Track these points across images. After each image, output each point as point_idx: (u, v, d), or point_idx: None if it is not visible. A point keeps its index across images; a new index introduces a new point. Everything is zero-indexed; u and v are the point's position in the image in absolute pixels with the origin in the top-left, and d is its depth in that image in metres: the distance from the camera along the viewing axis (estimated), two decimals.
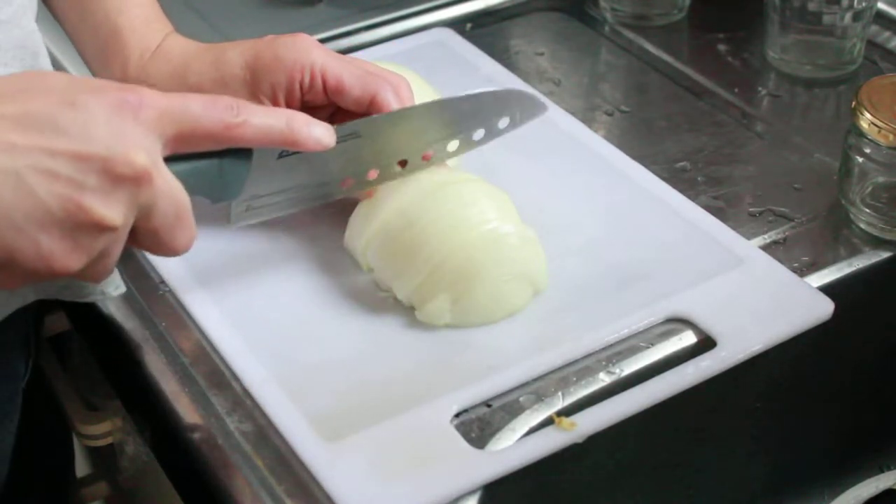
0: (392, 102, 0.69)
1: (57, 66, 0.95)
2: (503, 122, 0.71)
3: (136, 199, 0.53)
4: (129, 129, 0.53)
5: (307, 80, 0.68)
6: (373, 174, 0.69)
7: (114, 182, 0.52)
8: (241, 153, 0.61)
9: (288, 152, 0.63)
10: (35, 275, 0.52)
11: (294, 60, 0.68)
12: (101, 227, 0.52)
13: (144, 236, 0.56)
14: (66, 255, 0.52)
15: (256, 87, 0.68)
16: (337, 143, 0.63)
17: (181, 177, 0.56)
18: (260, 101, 0.68)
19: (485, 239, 0.66)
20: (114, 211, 0.52)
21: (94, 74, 0.74)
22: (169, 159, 0.56)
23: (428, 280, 0.66)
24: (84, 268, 0.53)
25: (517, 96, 0.72)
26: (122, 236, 0.54)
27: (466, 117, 0.70)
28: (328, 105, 0.71)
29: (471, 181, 0.69)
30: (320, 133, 0.61)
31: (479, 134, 0.71)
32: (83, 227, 0.51)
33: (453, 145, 0.70)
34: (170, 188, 0.55)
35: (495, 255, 0.66)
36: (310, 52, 0.68)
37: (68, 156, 0.51)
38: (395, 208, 0.68)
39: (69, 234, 0.51)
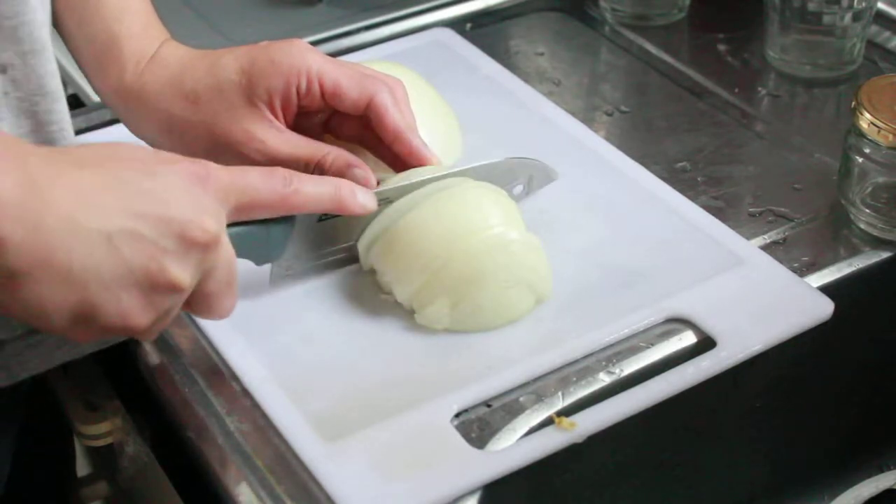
0: (389, 104, 0.70)
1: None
2: (517, 189, 0.75)
3: (203, 263, 0.56)
4: (201, 198, 0.56)
5: (304, 84, 0.69)
6: None
7: (188, 246, 0.54)
8: (285, 218, 0.65)
9: (328, 216, 0.68)
10: (109, 331, 0.55)
11: (290, 65, 0.69)
12: (173, 288, 0.55)
13: (198, 299, 0.58)
14: (140, 314, 0.54)
15: (252, 92, 0.68)
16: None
17: (232, 241, 0.59)
18: (257, 107, 0.69)
19: (487, 245, 0.66)
20: (186, 273, 0.55)
21: (91, 81, 0.74)
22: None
23: (428, 284, 0.66)
24: (149, 326, 0.55)
25: (532, 165, 0.75)
26: (185, 298, 0.57)
27: (489, 181, 0.71)
28: (324, 109, 0.71)
29: (476, 186, 0.69)
30: (364, 199, 0.66)
31: None
32: (158, 287, 0.54)
33: None
34: (228, 255, 0.58)
35: (497, 261, 0.66)
36: (305, 57, 0.69)
37: (152, 219, 0.53)
38: (398, 211, 0.68)
39: (146, 293, 0.54)
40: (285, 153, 0.68)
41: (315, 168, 0.69)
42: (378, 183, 0.71)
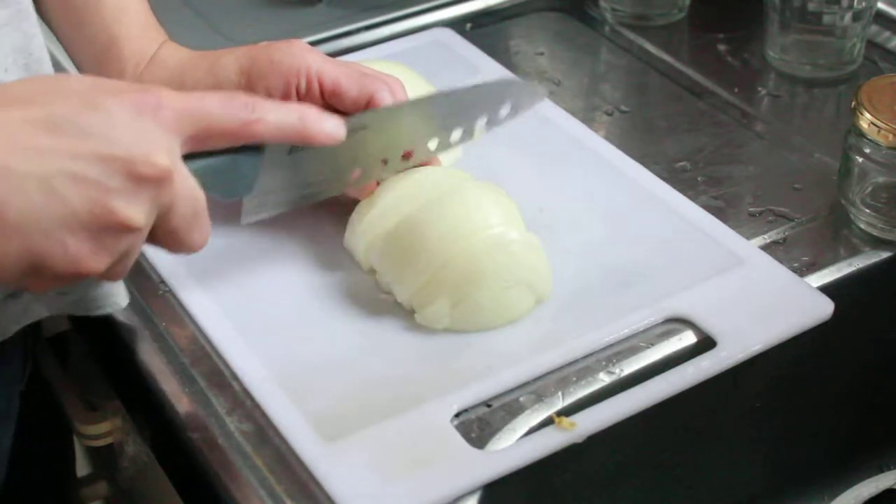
0: (388, 102, 0.69)
1: (58, 69, 0.95)
2: (504, 110, 0.72)
3: (157, 199, 0.53)
4: (149, 130, 0.53)
5: (303, 84, 0.69)
6: (379, 165, 0.70)
7: (137, 183, 0.52)
8: (252, 150, 0.62)
9: (299, 147, 0.64)
10: (62, 278, 0.53)
11: (290, 65, 0.68)
12: (125, 228, 0.52)
13: (163, 235, 0.56)
14: (92, 257, 0.52)
15: (252, 92, 0.68)
16: (346, 136, 0.64)
17: (196, 175, 0.56)
18: None
19: (487, 245, 0.66)
20: (137, 211, 0.52)
21: None
22: (184, 158, 0.56)
23: (428, 284, 0.66)
24: (107, 269, 0.54)
25: (516, 85, 0.74)
26: (143, 236, 0.55)
27: (469, 106, 0.71)
28: (324, 109, 0.71)
29: (477, 186, 0.69)
30: (332, 127, 0.62)
31: (481, 122, 0.72)
32: (109, 228, 0.52)
33: (457, 134, 0.71)
34: (188, 187, 0.55)
35: (497, 261, 0.66)
36: (305, 57, 0.69)
37: (93, 158, 0.51)
38: (398, 211, 0.68)
39: (95, 235, 0.52)
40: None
41: None
42: (377, 184, 0.71)
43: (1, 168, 0.49)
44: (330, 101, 0.70)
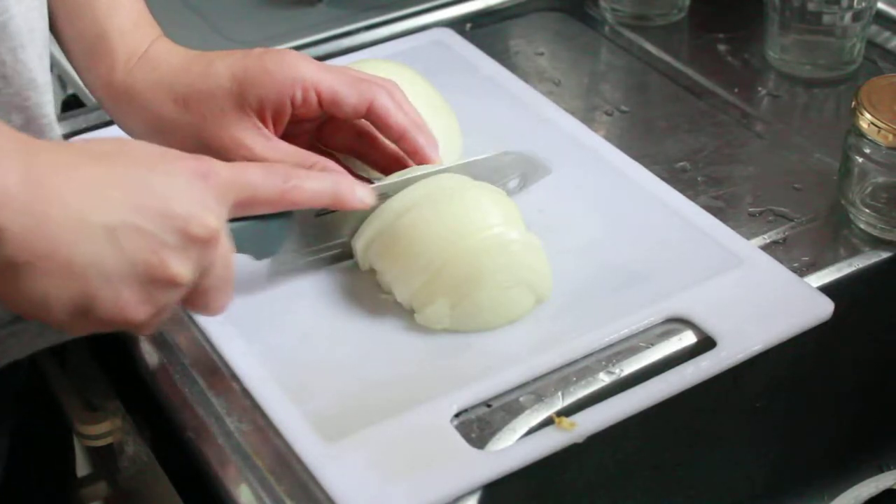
0: (390, 106, 0.70)
1: (56, 64, 0.95)
2: (512, 184, 0.76)
3: (203, 259, 0.56)
4: (203, 195, 0.56)
5: (299, 95, 0.69)
6: None
7: (190, 241, 0.55)
8: (283, 213, 0.65)
9: (326, 211, 0.68)
10: (107, 323, 0.55)
11: (284, 76, 0.69)
12: (173, 282, 0.55)
13: (195, 295, 0.58)
14: (138, 307, 0.55)
15: (243, 100, 0.69)
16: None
17: (232, 236, 0.59)
18: (246, 114, 0.69)
19: (487, 245, 0.66)
20: (186, 268, 0.55)
21: (80, 76, 0.74)
22: None
23: (428, 284, 0.66)
24: (145, 321, 0.56)
25: (526, 160, 0.76)
26: (183, 293, 0.57)
27: (485, 176, 0.72)
28: (319, 117, 0.71)
29: (475, 186, 0.69)
30: (363, 194, 0.66)
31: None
32: (158, 280, 0.54)
33: None
34: (227, 251, 0.58)
35: (497, 261, 0.66)
36: (300, 68, 0.69)
37: (155, 214, 0.54)
38: (398, 211, 0.68)
39: (145, 287, 0.54)
40: (272, 161, 0.68)
41: None
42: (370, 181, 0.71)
43: (77, 217, 0.52)
44: (329, 111, 0.70)
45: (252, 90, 0.69)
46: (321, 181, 0.64)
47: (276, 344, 0.67)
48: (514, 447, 0.61)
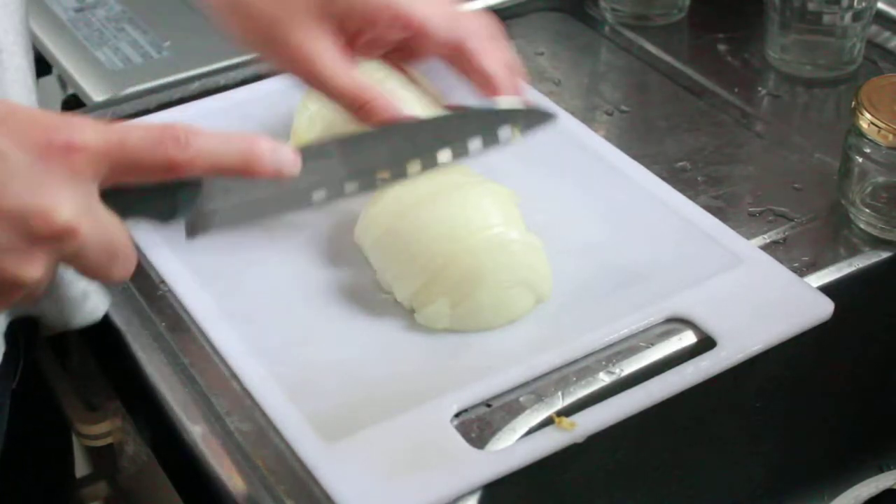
0: (479, 49, 0.65)
1: (56, 64, 0.95)
2: (504, 133, 0.67)
3: (58, 252, 0.50)
4: (53, 178, 0.48)
5: (388, 18, 0.64)
6: (350, 186, 0.63)
7: (31, 241, 0.48)
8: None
9: None
10: None
11: None
12: (18, 284, 0.49)
13: (78, 270, 0.52)
14: None
15: (331, 4, 0.63)
16: (306, 162, 0.58)
17: (123, 205, 0.52)
18: (327, 21, 0.63)
19: (487, 244, 0.66)
20: (32, 268, 0.49)
21: None
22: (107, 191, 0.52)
23: (428, 283, 0.66)
24: (7, 308, 0.51)
25: (519, 112, 0.68)
26: (45, 280, 0.51)
27: (457, 129, 0.66)
28: (402, 46, 0.67)
29: (478, 184, 0.69)
30: (283, 163, 0.56)
31: (475, 143, 0.66)
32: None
33: (445, 155, 0.66)
34: (102, 230, 0.51)
35: (497, 260, 0.66)
36: None
37: None
38: (398, 210, 0.68)
39: None
40: (332, 85, 0.63)
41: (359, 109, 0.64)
42: None
43: None
44: (413, 41, 0.65)
45: (341, 1, 0.63)
46: (226, 150, 0.54)
47: (276, 344, 0.67)
48: (514, 447, 0.61)
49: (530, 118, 0.68)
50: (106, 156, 0.50)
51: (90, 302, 0.66)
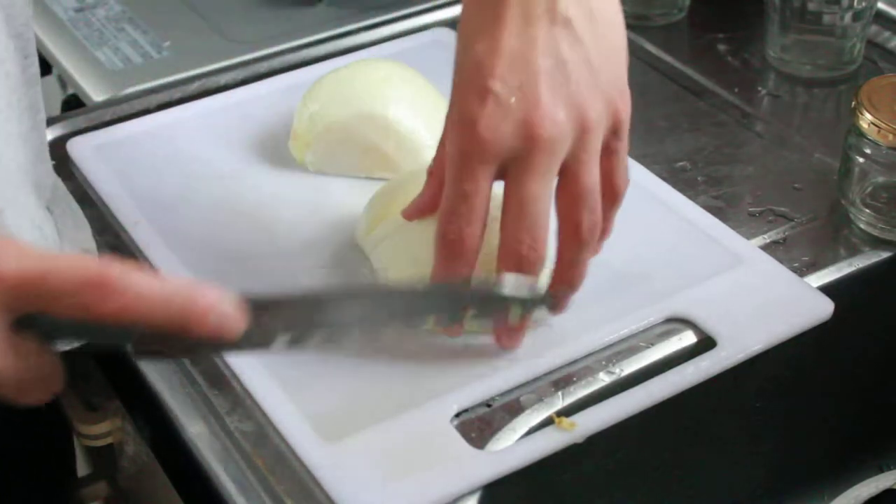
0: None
1: (56, 64, 0.95)
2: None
3: None
4: None
5: None
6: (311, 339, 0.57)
7: None
8: None
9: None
10: None
11: None
12: None
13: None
14: None
15: None
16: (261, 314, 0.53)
17: (52, 327, 0.49)
18: None
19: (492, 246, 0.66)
20: None
21: None
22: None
23: None
24: None
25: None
26: None
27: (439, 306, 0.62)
28: None
29: None
30: (224, 322, 0.50)
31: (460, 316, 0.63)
32: None
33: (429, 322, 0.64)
34: (12, 363, 0.48)
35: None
36: None
37: None
38: (400, 224, 0.68)
39: None
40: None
41: None
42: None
43: None
44: None
45: None
46: (164, 304, 0.48)
47: None
48: (514, 447, 0.61)
49: (529, 306, 0.62)
50: (22, 292, 0.48)
51: None
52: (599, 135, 0.60)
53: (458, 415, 0.63)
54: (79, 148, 0.82)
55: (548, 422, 0.63)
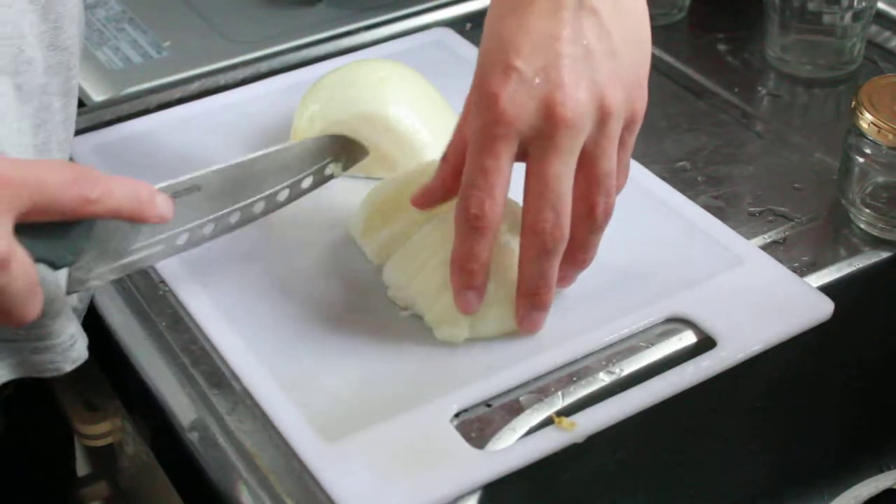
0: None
1: None
2: (329, 169, 0.72)
3: None
4: None
5: None
6: (207, 228, 0.67)
7: None
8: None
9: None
10: None
11: None
12: None
13: None
14: None
15: None
16: (177, 198, 0.63)
17: (28, 247, 0.54)
18: None
19: (495, 251, 0.66)
20: None
21: None
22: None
23: (442, 296, 0.66)
24: None
25: (342, 142, 0.73)
26: None
27: (297, 164, 0.70)
28: None
29: None
30: (163, 208, 0.59)
31: (307, 182, 0.71)
32: None
33: (283, 195, 0.70)
34: (23, 268, 0.53)
35: (508, 265, 0.66)
36: None
37: None
38: (411, 224, 0.68)
39: None
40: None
41: None
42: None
43: None
44: None
45: None
46: (125, 194, 0.57)
47: (276, 343, 0.67)
48: (514, 447, 0.61)
49: (349, 152, 0.73)
50: (25, 191, 0.52)
51: (77, 346, 0.66)
52: (619, 123, 0.61)
53: (457, 415, 0.63)
54: (79, 148, 0.82)
55: (548, 422, 0.63)
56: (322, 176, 0.72)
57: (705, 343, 0.67)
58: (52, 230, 0.56)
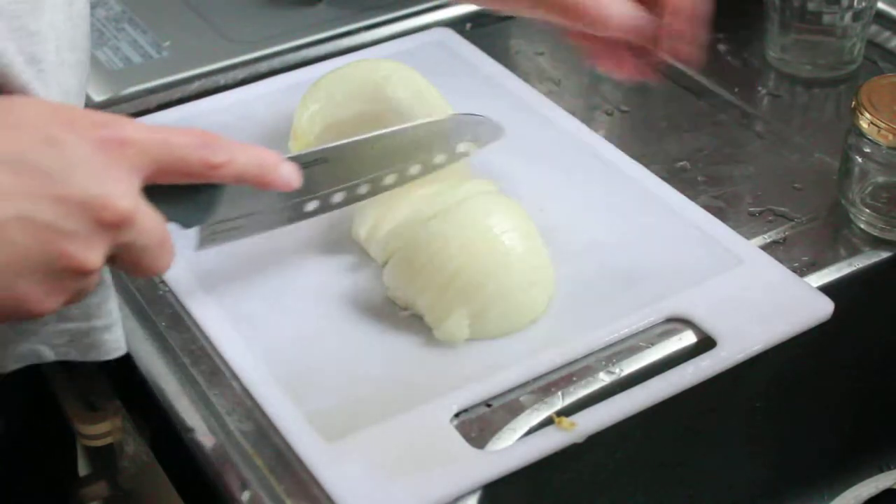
0: None
1: None
2: (462, 147, 0.73)
3: (116, 240, 0.52)
4: (111, 168, 0.51)
5: None
6: (338, 197, 0.69)
7: (95, 227, 0.50)
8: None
9: None
10: (9, 316, 0.52)
11: None
12: (80, 272, 0.51)
13: (124, 265, 0.55)
14: (43, 299, 0.51)
15: None
16: (304, 168, 0.64)
17: (157, 206, 0.55)
18: None
19: (495, 251, 0.66)
20: (95, 254, 0.51)
21: None
22: (144, 189, 0.55)
23: (442, 295, 0.66)
24: (60, 306, 0.52)
25: (478, 121, 0.73)
26: (100, 272, 0.53)
27: (430, 141, 0.71)
28: None
29: (482, 195, 0.69)
30: (289, 175, 0.61)
31: (440, 158, 0.72)
32: (63, 271, 0.51)
33: (415, 169, 0.71)
34: (151, 223, 0.54)
35: (509, 264, 0.66)
36: None
37: (49, 199, 0.49)
38: (414, 222, 0.68)
39: (48, 278, 0.50)
40: (624, 26, 0.67)
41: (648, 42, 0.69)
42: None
43: None
44: None
45: None
46: (248, 159, 0.58)
47: (276, 344, 0.67)
48: (514, 447, 0.61)
49: (483, 132, 0.74)
50: (154, 152, 0.53)
51: (119, 331, 0.67)
52: None
53: (457, 415, 0.63)
54: None
55: (548, 422, 0.63)
56: (454, 153, 0.72)
57: (705, 343, 0.67)
58: (183, 192, 0.58)
